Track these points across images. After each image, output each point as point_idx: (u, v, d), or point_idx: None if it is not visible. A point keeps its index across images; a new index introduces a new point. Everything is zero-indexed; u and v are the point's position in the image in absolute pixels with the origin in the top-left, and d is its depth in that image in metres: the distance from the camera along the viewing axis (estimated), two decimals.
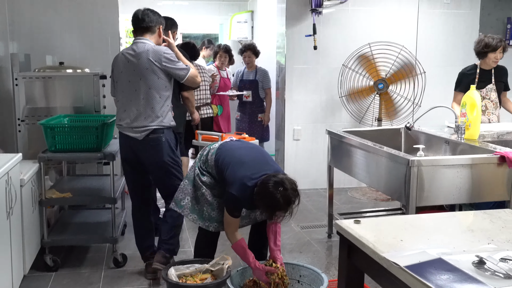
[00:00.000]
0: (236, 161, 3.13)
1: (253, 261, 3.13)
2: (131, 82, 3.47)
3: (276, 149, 6.41)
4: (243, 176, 3.02)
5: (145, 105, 3.46)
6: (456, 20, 6.15)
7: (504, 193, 3.25)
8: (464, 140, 3.66)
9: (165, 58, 3.44)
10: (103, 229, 3.94)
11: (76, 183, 4.29)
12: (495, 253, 1.71)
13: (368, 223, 2.13)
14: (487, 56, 4.57)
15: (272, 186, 2.91)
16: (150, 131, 3.47)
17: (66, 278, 3.64)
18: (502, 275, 1.56)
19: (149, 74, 3.43)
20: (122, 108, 3.55)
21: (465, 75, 4.75)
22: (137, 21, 3.56)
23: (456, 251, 1.78)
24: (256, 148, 3.45)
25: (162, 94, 3.48)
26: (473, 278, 1.54)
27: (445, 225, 2.11)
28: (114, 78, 3.62)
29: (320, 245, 4.28)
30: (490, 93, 4.68)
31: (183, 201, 3.34)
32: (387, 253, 1.78)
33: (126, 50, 3.54)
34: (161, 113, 3.49)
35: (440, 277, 1.56)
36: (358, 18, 5.92)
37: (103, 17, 5.38)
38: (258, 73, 6.32)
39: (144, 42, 3.50)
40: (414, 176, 3.06)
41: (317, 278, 3.23)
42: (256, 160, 3.18)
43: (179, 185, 3.42)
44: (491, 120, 4.68)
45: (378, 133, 4.37)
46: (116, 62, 3.59)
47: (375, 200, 5.64)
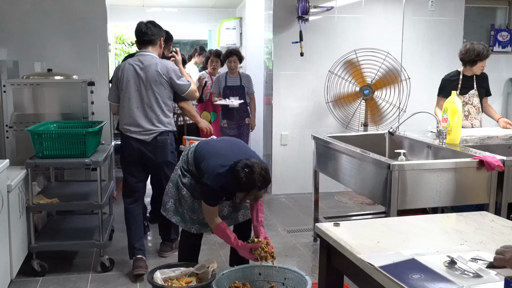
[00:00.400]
0: (211, 153, 3.22)
1: (235, 241, 3.18)
2: (139, 91, 3.85)
3: (264, 154, 6.46)
4: (216, 164, 3.10)
5: (152, 112, 3.86)
6: (441, 27, 6.25)
7: (484, 196, 3.32)
8: (445, 145, 3.74)
9: (172, 72, 3.89)
10: (91, 234, 3.97)
11: (63, 189, 4.32)
12: (466, 254, 1.77)
13: (347, 226, 2.19)
14: (476, 64, 4.67)
15: (240, 168, 2.97)
16: (158, 133, 3.88)
17: (53, 283, 3.66)
18: (472, 275, 1.62)
19: (157, 86, 3.85)
20: (128, 114, 3.88)
21: (448, 81, 4.83)
22: (140, 34, 3.95)
23: (430, 252, 1.84)
24: (235, 140, 3.54)
25: (166, 103, 3.92)
26: (443, 278, 1.60)
27: (422, 227, 2.17)
28: (119, 86, 3.90)
29: (306, 248, 4.33)
30: (473, 98, 4.77)
31: (168, 204, 3.45)
32: (363, 254, 1.84)
33: (133, 62, 3.89)
34: (166, 119, 3.92)
35: (412, 277, 1.61)
36: (344, 25, 6.01)
37: (92, 24, 5.43)
38: (243, 78, 6.11)
39: (151, 55, 3.91)
40: (395, 180, 3.12)
41: (301, 281, 3.27)
42: (231, 150, 3.24)
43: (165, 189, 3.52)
44: (474, 125, 4.77)
45: (363, 138, 4.44)
46: (123, 72, 3.88)
47: (361, 204, 5.71)
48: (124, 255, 4.17)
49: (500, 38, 6.49)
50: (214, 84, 6.16)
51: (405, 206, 3.21)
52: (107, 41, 5.58)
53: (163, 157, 3.90)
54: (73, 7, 5.38)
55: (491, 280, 1.57)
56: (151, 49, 3.94)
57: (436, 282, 1.57)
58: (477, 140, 4.10)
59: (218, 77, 6.18)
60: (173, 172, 3.56)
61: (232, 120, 6.10)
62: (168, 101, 3.94)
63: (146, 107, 3.85)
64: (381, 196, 3.31)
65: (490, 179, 3.29)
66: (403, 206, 3.20)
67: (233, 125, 6.11)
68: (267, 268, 3.49)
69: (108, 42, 5.72)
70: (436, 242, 1.97)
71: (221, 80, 6.12)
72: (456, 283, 1.56)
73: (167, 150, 3.93)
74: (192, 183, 3.36)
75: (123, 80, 3.87)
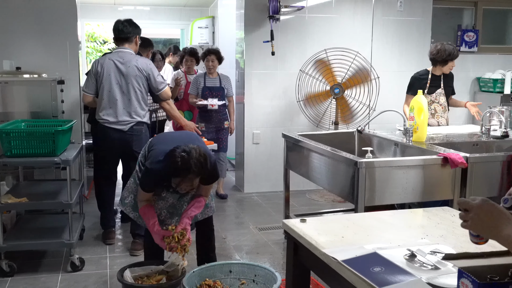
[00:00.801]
0: (160, 141, 3.24)
1: (152, 225, 3.15)
2: (119, 85, 4.18)
3: (236, 153, 6.49)
4: (159, 151, 3.08)
5: (131, 104, 4.20)
6: (409, 27, 6.36)
7: (449, 192, 3.41)
8: (412, 143, 3.82)
9: (151, 69, 4.25)
10: (60, 233, 3.94)
11: (33, 188, 4.28)
12: (426, 247, 1.83)
13: (313, 221, 2.24)
14: (447, 64, 4.80)
15: (178, 152, 2.93)
16: (134, 123, 4.22)
17: (22, 283, 3.63)
18: (430, 267, 1.68)
19: (136, 80, 4.19)
20: (107, 105, 4.20)
21: (417, 80, 4.96)
22: (117, 31, 4.33)
23: (392, 246, 1.89)
24: (187, 132, 3.56)
25: (144, 97, 4.28)
26: (403, 270, 1.66)
27: (386, 222, 2.23)
28: (99, 79, 4.21)
29: (277, 246, 4.38)
30: (439, 97, 4.89)
31: (127, 199, 3.42)
32: (327, 249, 1.88)
33: (113, 57, 4.22)
34: (142, 112, 4.27)
35: (373, 270, 1.66)
36: (315, 25, 6.07)
37: (61, 22, 5.37)
38: (223, 79, 5.81)
39: (130, 52, 4.28)
40: (362, 177, 3.19)
41: (271, 277, 3.31)
42: (180, 139, 3.20)
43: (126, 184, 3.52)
44: (440, 123, 4.89)
45: (333, 136, 4.50)
46: (104, 66, 4.19)
47: (332, 201, 5.78)
48: (95, 254, 4.17)
49: (467, 38, 6.64)
50: (192, 84, 5.85)
51: (373, 203, 3.27)
52: (78, 39, 5.52)
53: (138, 146, 4.07)
54: (42, 4, 5.31)
55: (448, 272, 1.63)
56: (127, 46, 4.29)
57: (396, 275, 1.62)
58: (443, 137, 4.20)
59: (196, 77, 5.86)
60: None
61: (211, 124, 5.77)
62: (145, 95, 4.28)
63: (125, 100, 4.18)
64: (349, 193, 3.37)
65: (454, 175, 3.38)
66: (371, 202, 3.26)
67: (212, 129, 5.79)
68: (238, 266, 3.53)
69: (79, 40, 5.66)
70: (398, 236, 2.03)
71: (199, 80, 5.80)
72: (415, 275, 1.61)
73: (143, 139, 4.18)
74: None
75: (103, 74, 4.17)
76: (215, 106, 5.60)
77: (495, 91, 6.42)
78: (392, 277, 1.61)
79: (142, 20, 8.24)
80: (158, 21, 8.87)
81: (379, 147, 4.20)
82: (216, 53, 5.79)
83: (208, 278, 3.36)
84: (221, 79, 5.82)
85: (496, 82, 6.44)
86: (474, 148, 4.03)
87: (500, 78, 6.44)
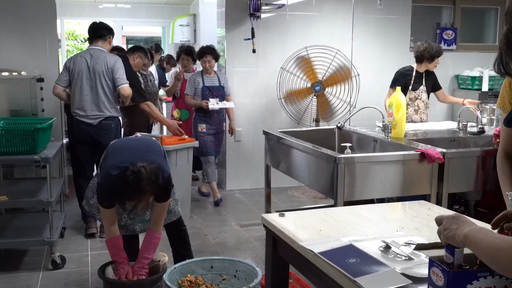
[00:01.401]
0: (113, 151, 3.17)
1: (120, 263, 3.10)
2: (89, 80, 4.38)
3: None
4: (111, 165, 3.00)
5: (100, 99, 4.40)
6: (389, 25, 6.43)
7: (426, 187, 3.47)
8: (390, 139, 3.87)
9: (117, 64, 4.41)
10: (41, 232, 3.92)
11: (12, 187, 4.25)
12: (401, 239, 1.87)
13: (291, 216, 2.27)
14: (434, 61, 4.92)
15: (127, 175, 2.82)
16: (103, 118, 4.43)
17: (3, 282, 3.61)
18: (404, 257, 1.72)
19: (104, 76, 4.39)
20: (79, 100, 4.42)
21: (402, 75, 5.05)
22: (93, 30, 4.54)
23: (368, 238, 1.93)
24: (144, 140, 3.40)
25: (112, 92, 4.45)
26: (378, 261, 1.69)
27: (362, 216, 2.27)
28: (71, 75, 4.42)
29: (258, 242, 4.41)
30: (422, 94, 5.00)
31: (92, 199, 3.36)
32: (304, 241, 1.92)
33: (84, 55, 4.46)
34: (111, 106, 4.47)
35: (348, 261, 1.70)
36: (295, 22, 6.11)
37: (40, 20, 5.32)
38: (221, 78, 5.59)
39: (101, 49, 4.47)
40: (341, 172, 3.23)
41: (252, 272, 3.35)
42: (132, 151, 3.11)
43: (89, 184, 3.47)
44: (423, 119, 5.00)
45: (313, 133, 4.54)
46: (75, 63, 4.42)
47: (314, 198, 5.83)
48: (76, 252, 4.16)
49: (446, 36, 6.73)
50: (189, 83, 5.54)
51: (352, 198, 3.31)
52: (57, 37, 5.49)
53: (107, 140, 4.11)
54: (21, 1, 5.26)
55: (421, 262, 1.67)
56: (100, 44, 4.49)
57: (371, 265, 1.66)
58: (421, 134, 4.26)
59: (193, 76, 5.55)
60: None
61: (212, 125, 5.53)
62: (114, 90, 4.46)
63: (94, 95, 4.39)
64: (329, 189, 3.40)
65: (432, 170, 3.44)
66: (350, 198, 3.30)
67: (213, 130, 5.54)
68: (219, 261, 3.55)
69: (59, 38, 5.63)
70: (374, 229, 2.07)
71: (197, 80, 5.50)
72: (389, 265, 1.65)
73: (112, 133, 4.42)
74: None
75: (75, 70, 4.38)
76: (226, 106, 5.50)
77: (473, 89, 6.52)
78: (367, 268, 1.65)
79: (122, 18, 8.27)
80: (139, 19, 8.86)
81: (359, 143, 4.25)
82: (212, 52, 5.52)
83: (190, 274, 3.38)
84: (220, 78, 5.61)
85: (474, 79, 6.54)
86: (452, 144, 4.10)
87: (478, 75, 6.54)
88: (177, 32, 8.26)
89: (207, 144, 5.52)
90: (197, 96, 5.49)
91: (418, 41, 5.09)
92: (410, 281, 1.54)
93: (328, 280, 1.73)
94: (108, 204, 3.05)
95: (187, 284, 3.28)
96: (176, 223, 3.52)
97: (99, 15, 8.86)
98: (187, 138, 4.80)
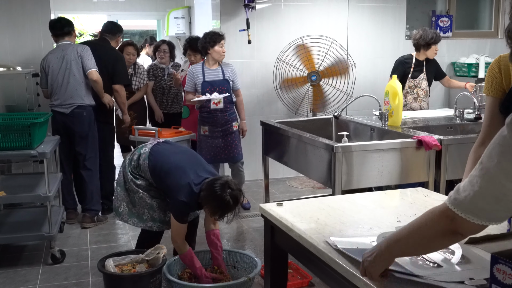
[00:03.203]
0: (176, 167, 3.21)
1: (199, 271, 3.23)
2: (61, 71, 4.48)
3: None
4: (188, 182, 3.11)
5: (71, 88, 4.49)
6: (384, 13, 6.40)
7: (424, 175, 3.48)
8: (387, 127, 3.87)
9: (85, 52, 4.53)
10: (40, 226, 3.93)
11: (10, 182, 4.25)
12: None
13: (289, 205, 2.27)
14: (431, 48, 4.91)
15: (220, 189, 3.03)
16: (75, 106, 4.51)
17: (2, 277, 3.62)
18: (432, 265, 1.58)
19: (75, 64, 4.48)
20: (54, 92, 4.53)
21: (401, 63, 5.05)
22: (59, 28, 4.61)
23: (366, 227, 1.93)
24: (189, 151, 3.57)
25: (83, 80, 4.54)
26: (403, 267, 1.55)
27: (360, 204, 2.27)
28: (46, 73, 4.54)
29: (257, 233, 4.41)
30: (422, 82, 5.00)
31: (120, 208, 3.43)
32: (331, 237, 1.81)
33: (53, 51, 4.61)
34: (84, 94, 4.55)
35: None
36: (291, 12, 6.08)
37: (34, 15, 5.29)
38: (225, 69, 4.76)
39: (69, 43, 4.60)
40: (339, 161, 3.23)
41: (251, 263, 3.36)
42: (193, 164, 3.28)
43: (114, 192, 3.58)
44: (422, 106, 5.01)
45: (310, 123, 4.54)
46: (46, 61, 4.55)
47: (312, 188, 5.83)
48: (75, 246, 4.16)
49: (441, 23, 6.71)
50: (188, 79, 4.76)
51: (350, 187, 3.32)
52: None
53: (79, 128, 4.52)
54: None
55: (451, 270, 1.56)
56: (67, 39, 4.61)
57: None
58: (418, 121, 4.26)
59: (192, 70, 4.74)
60: (118, 175, 3.55)
61: (216, 126, 4.73)
62: (86, 78, 4.54)
63: (66, 84, 4.48)
64: (327, 178, 3.41)
65: (429, 158, 3.45)
66: (348, 186, 3.31)
67: (218, 133, 4.75)
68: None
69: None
70: (371, 216, 2.08)
71: (196, 73, 4.69)
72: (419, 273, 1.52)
73: (84, 122, 4.54)
74: (147, 184, 3.35)
75: (48, 67, 4.52)
76: (219, 103, 4.63)
77: (469, 76, 6.52)
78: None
79: (117, 11, 8.22)
80: (133, 12, 8.81)
81: (356, 132, 4.25)
82: (222, 36, 4.74)
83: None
84: (223, 69, 4.75)
85: (471, 66, 6.53)
86: (448, 131, 4.10)
87: (474, 62, 6.53)
88: (172, 24, 8.22)
89: (218, 148, 4.77)
90: (198, 93, 4.70)
91: (414, 29, 5.09)
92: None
93: (326, 267, 1.73)
94: (187, 219, 3.26)
95: (187, 276, 3.30)
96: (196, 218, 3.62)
97: (93, 9, 8.82)
98: (184, 131, 4.80)
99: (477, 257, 1.64)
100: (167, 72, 5.93)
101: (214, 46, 4.62)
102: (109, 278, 3.09)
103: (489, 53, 6.73)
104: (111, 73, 4.75)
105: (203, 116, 4.74)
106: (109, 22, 5.21)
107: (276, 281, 2.30)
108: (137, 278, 3.07)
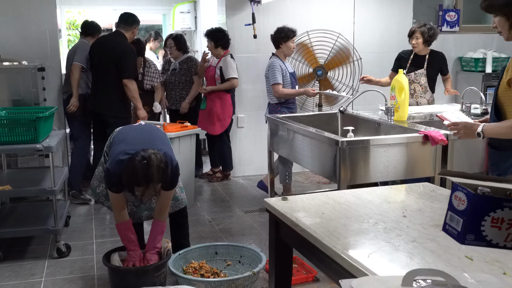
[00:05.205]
0: (121, 138, 3.19)
1: (132, 247, 3.14)
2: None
3: None
4: (120, 151, 3.04)
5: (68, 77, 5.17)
6: (391, 7, 6.37)
7: (430, 170, 3.46)
8: (393, 122, 3.85)
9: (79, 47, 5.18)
10: (45, 220, 3.94)
11: (16, 176, 4.26)
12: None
13: (294, 200, 2.26)
14: (410, 41, 4.90)
15: (138, 160, 2.87)
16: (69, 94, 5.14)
17: (8, 270, 3.63)
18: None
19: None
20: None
21: (398, 58, 5.05)
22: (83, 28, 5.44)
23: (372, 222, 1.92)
24: (151, 128, 3.45)
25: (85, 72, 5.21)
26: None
27: (364, 199, 2.26)
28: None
29: (263, 227, 4.41)
30: (420, 77, 4.92)
31: (98, 188, 3.40)
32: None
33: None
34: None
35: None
36: (296, 7, 6.06)
37: (40, 9, 5.29)
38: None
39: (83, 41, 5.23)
40: (344, 156, 3.22)
41: (256, 257, 3.36)
42: (141, 138, 3.18)
43: (95, 172, 3.50)
44: (419, 103, 4.93)
45: (316, 118, 4.52)
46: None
47: (317, 183, 5.83)
48: (81, 240, 4.17)
49: (448, 18, 6.67)
50: (277, 72, 4.97)
51: (355, 182, 3.31)
52: (57, 27, 5.46)
53: (69, 114, 5.14)
54: None
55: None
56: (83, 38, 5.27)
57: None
58: (424, 116, 4.24)
59: (278, 64, 5.03)
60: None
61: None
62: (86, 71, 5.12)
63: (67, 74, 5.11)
64: (332, 173, 3.40)
65: (435, 153, 3.43)
66: (353, 181, 3.30)
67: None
68: (224, 247, 3.57)
69: (59, 28, 5.60)
70: (376, 211, 2.06)
71: (282, 66, 5.02)
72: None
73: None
74: None
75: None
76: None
77: (476, 70, 6.48)
78: None
79: (123, 6, 8.18)
80: (139, 7, 8.76)
81: (362, 127, 4.23)
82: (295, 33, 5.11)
83: (194, 260, 3.39)
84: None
85: (478, 61, 6.49)
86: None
87: (481, 57, 6.49)
88: (177, 19, 8.20)
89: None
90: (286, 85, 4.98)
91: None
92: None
93: (331, 262, 1.73)
94: (118, 189, 3.08)
95: (192, 270, 3.30)
96: (181, 210, 3.53)
97: (99, 3, 8.81)
98: (189, 125, 4.80)
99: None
100: (172, 68, 5.91)
101: (287, 41, 4.94)
102: (114, 272, 3.10)
103: (496, 47, 6.68)
104: (119, 68, 4.75)
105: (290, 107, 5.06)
106: (125, 12, 5.10)
107: (281, 275, 2.30)
108: (142, 272, 3.07)
